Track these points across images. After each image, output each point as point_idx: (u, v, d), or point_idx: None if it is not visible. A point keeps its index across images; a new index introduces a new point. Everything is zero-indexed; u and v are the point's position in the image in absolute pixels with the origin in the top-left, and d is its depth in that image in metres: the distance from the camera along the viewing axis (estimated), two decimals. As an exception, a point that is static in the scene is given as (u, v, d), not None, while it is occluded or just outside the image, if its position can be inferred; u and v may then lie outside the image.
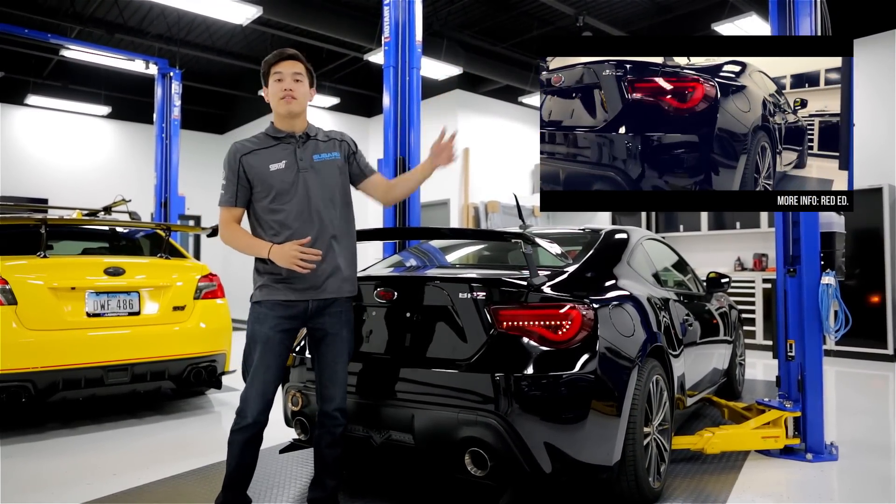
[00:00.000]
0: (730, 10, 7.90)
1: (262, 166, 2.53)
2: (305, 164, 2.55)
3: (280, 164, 2.53)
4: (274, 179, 2.52)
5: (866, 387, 6.19)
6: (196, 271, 4.81)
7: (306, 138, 2.60)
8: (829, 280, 3.59)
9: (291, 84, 2.54)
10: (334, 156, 2.63)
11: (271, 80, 2.57)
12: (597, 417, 2.52)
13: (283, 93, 2.53)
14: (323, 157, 2.60)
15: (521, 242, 2.65)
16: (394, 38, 4.46)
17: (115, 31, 9.38)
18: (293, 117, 2.58)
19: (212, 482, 3.17)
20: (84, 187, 12.04)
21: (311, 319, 2.57)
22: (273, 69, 2.56)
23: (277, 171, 2.52)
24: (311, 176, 2.54)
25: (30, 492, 3.15)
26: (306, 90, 2.61)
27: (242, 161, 2.54)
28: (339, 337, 2.59)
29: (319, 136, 2.65)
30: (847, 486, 3.29)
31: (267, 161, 2.54)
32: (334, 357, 2.60)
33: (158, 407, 4.98)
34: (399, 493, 3.07)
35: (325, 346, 2.60)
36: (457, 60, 9.51)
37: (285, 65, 2.56)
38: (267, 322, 2.50)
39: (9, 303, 3.91)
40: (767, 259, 8.81)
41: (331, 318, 2.58)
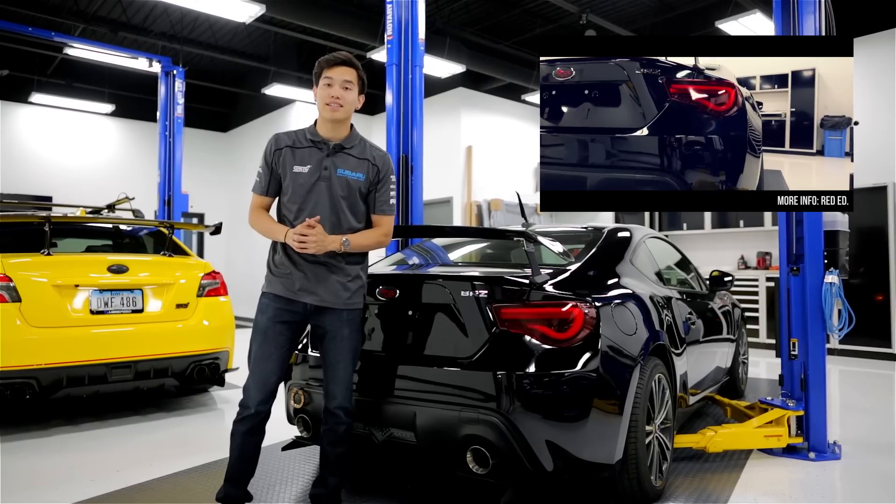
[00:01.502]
0: (734, 7, 7.87)
1: (289, 164, 2.57)
2: (327, 174, 2.55)
3: (304, 167, 2.55)
4: (293, 181, 2.55)
5: (870, 386, 6.17)
6: (199, 269, 4.82)
7: (339, 149, 2.59)
8: (833, 279, 3.58)
9: (339, 92, 2.53)
10: (358, 176, 2.60)
11: (321, 82, 2.55)
12: (599, 416, 2.52)
13: (330, 99, 2.52)
14: (346, 173, 2.58)
15: (523, 240, 2.65)
16: (397, 36, 4.46)
17: (119, 29, 9.40)
18: (335, 123, 2.58)
19: (214, 479, 3.17)
20: (88, 185, 12.08)
21: (311, 317, 2.60)
22: (325, 72, 2.55)
23: (299, 173, 2.55)
24: (326, 187, 2.54)
25: (33, 488, 3.16)
26: (354, 98, 2.59)
27: (276, 155, 2.59)
28: (339, 336, 2.59)
29: (354, 151, 2.62)
30: (850, 486, 3.29)
31: (294, 161, 2.56)
32: (336, 356, 2.60)
33: (162, 404, 5.00)
34: (401, 490, 3.07)
35: (326, 344, 2.62)
36: (459, 58, 9.51)
37: (337, 70, 2.54)
38: (267, 312, 2.56)
39: (13, 300, 3.92)
40: (771, 257, 8.80)
41: (331, 318, 2.59)
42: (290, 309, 2.56)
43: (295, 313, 2.57)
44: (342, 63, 2.56)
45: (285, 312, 2.55)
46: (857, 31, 8.04)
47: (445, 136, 11.20)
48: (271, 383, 2.53)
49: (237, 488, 2.55)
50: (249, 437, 2.53)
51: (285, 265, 2.56)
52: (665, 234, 7.07)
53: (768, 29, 7.69)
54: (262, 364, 2.52)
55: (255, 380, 2.51)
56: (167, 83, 8.76)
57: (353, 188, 2.59)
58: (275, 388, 2.56)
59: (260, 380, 2.51)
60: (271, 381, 2.53)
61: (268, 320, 2.55)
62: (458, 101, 11.27)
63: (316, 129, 2.62)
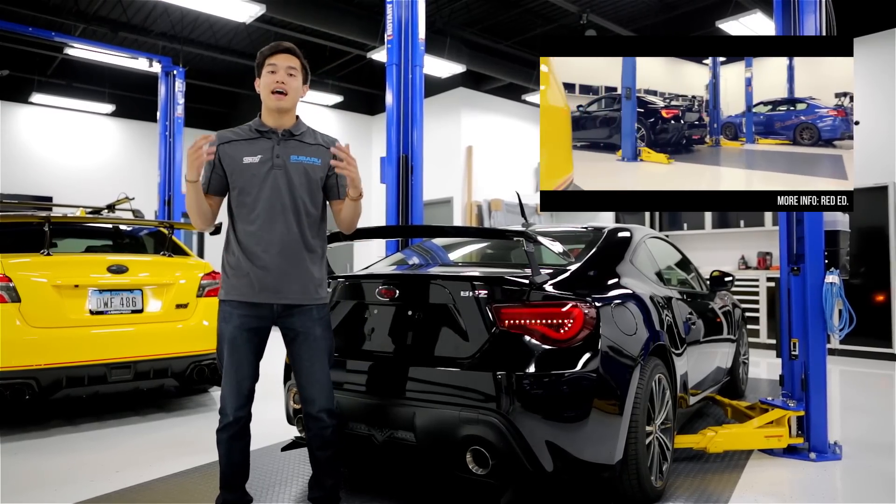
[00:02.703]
0: (734, 7, 7.86)
1: (236, 157, 2.48)
2: (280, 161, 2.48)
3: (254, 157, 2.47)
4: (244, 173, 2.47)
5: (870, 386, 6.16)
6: (199, 269, 4.82)
7: (289, 136, 2.54)
8: (833, 279, 3.58)
9: (284, 77, 2.49)
10: (314, 161, 2.54)
11: (265, 70, 2.51)
12: (599, 416, 2.51)
13: (275, 85, 2.47)
14: (301, 159, 2.52)
15: (523, 241, 2.65)
16: (397, 36, 4.46)
17: (119, 29, 9.39)
18: (281, 112, 2.52)
19: (214, 479, 3.16)
20: (88, 185, 12.07)
21: (279, 320, 2.51)
22: (268, 60, 2.51)
23: (250, 164, 2.47)
24: (282, 175, 2.47)
25: (33, 488, 3.16)
26: (298, 86, 2.55)
27: (220, 150, 2.50)
28: (311, 336, 2.52)
29: (306, 138, 2.57)
30: (850, 486, 3.28)
31: (242, 153, 2.49)
32: (310, 357, 2.52)
33: (161, 404, 4.99)
34: (401, 491, 3.07)
35: (297, 346, 2.54)
36: (460, 58, 9.50)
37: (280, 57, 2.51)
38: (232, 321, 2.47)
39: (13, 300, 3.92)
40: (771, 257, 8.79)
41: (301, 318, 2.51)
42: (256, 314, 2.46)
43: (262, 318, 2.47)
44: (285, 51, 2.53)
45: (251, 318, 2.46)
46: (857, 32, 8.04)
47: (446, 136, 11.20)
48: (245, 388, 2.48)
49: (234, 492, 2.55)
50: (234, 443, 2.50)
51: (241, 266, 2.45)
52: (665, 234, 7.06)
53: (769, 29, 7.69)
54: (234, 372, 2.46)
55: (230, 388, 2.47)
56: (167, 83, 8.76)
57: (311, 176, 2.53)
58: (250, 393, 2.51)
59: (234, 388, 2.47)
60: (245, 386, 2.48)
61: (234, 329, 2.45)
62: (459, 101, 11.27)
63: (261, 121, 2.56)
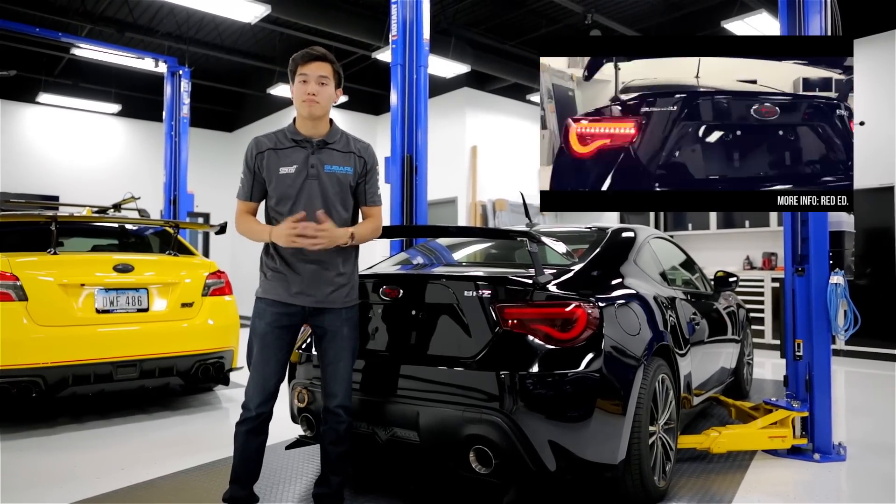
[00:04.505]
0: (740, 7, 7.83)
1: (273, 166, 2.53)
2: (315, 171, 2.53)
3: (290, 168, 2.52)
4: (281, 182, 2.52)
5: (875, 387, 6.14)
6: (204, 268, 4.84)
7: (323, 145, 2.57)
8: (838, 279, 3.57)
9: (315, 88, 2.50)
10: (347, 170, 2.59)
11: (297, 79, 2.52)
12: (602, 416, 2.52)
13: (307, 96, 2.49)
14: (334, 169, 2.56)
15: (526, 241, 2.65)
16: (401, 37, 4.47)
17: (125, 29, 9.43)
18: (314, 119, 2.56)
19: (219, 478, 3.19)
20: (94, 185, 12.13)
21: (310, 318, 2.59)
22: (299, 69, 2.51)
23: (286, 174, 2.52)
24: (316, 185, 2.52)
25: (39, 485, 3.18)
26: (330, 93, 2.56)
27: (258, 158, 2.55)
28: (339, 335, 2.59)
29: (338, 146, 2.60)
30: (855, 487, 3.27)
31: (279, 163, 2.53)
32: (336, 354, 2.60)
33: (166, 403, 5.02)
34: (404, 490, 3.08)
35: (326, 343, 2.61)
36: (464, 58, 9.50)
37: (312, 66, 2.51)
38: (265, 318, 2.54)
39: (20, 299, 3.95)
40: (776, 258, 8.76)
41: (331, 317, 2.58)
42: (287, 313, 2.54)
43: (293, 316, 2.56)
44: (317, 58, 2.52)
45: (283, 317, 2.54)
46: (858, 33, 8.00)
47: (450, 136, 11.20)
48: (271, 385, 2.54)
49: (243, 489, 2.57)
50: (251, 437, 2.54)
51: (280, 268, 2.53)
52: (670, 235, 7.05)
53: (774, 29, 7.67)
54: (262, 368, 2.53)
55: (256, 383, 2.53)
56: (173, 83, 8.80)
57: (344, 183, 2.57)
58: (275, 390, 2.56)
59: (260, 383, 2.52)
60: (271, 383, 2.54)
61: (266, 325, 2.53)
62: (463, 101, 11.27)
63: (296, 128, 2.58)
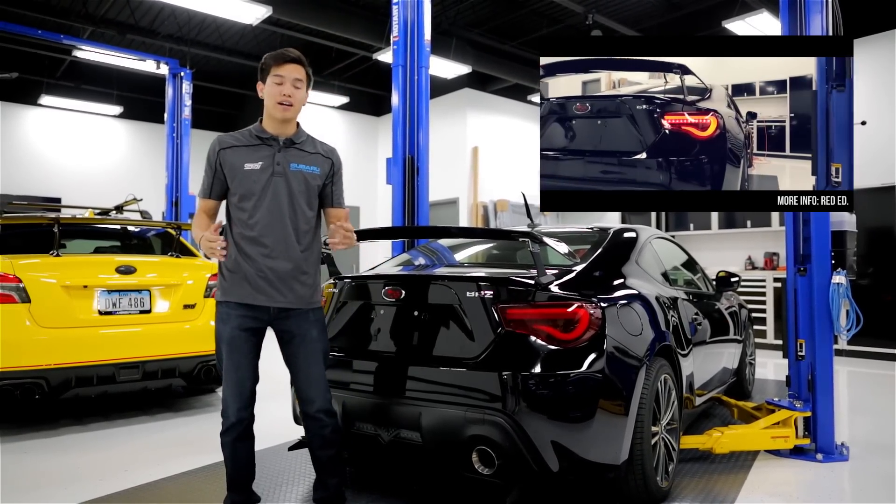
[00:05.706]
0: (741, 7, 7.84)
1: (237, 163, 2.50)
2: (281, 169, 2.50)
3: (256, 164, 2.49)
4: (245, 179, 2.48)
5: (878, 387, 6.13)
6: (206, 270, 4.84)
7: (290, 144, 2.56)
8: (841, 279, 3.57)
9: (291, 90, 2.50)
10: (313, 170, 2.57)
11: (270, 79, 2.51)
12: (604, 416, 2.52)
13: (282, 97, 2.49)
14: (301, 167, 2.54)
15: (528, 241, 2.65)
16: (403, 38, 4.48)
17: (127, 31, 9.45)
18: (285, 122, 2.55)
19: (221, 479, 3.16)
20: (96, 186, 12.14)
21: (274, 322, 2.54)
22: (274, 70, 2.51)
23: (251, 171, 2.49)
24: (282, 182, 2.50)
25: (42, 487, 3.19)
26: (303, 96, 2.57)
27: (220, 155, 2.52)
28: (307, 338, 2.55)
29: (305, 146, 2.59)
30: (857, 487, 3.27)
31: (244, 159, 2.50)
32: (307, 359, 2.55)
33: (169, 404, 5.02)
34: (407, 490, 3.08)
35: (294, 348, 2.56)
36: (465, 59, 9.51)
37: (287, 68, 2.51)
38: (230, 321, 2.49)
39: (23, 301, 3.95)
40: (778, 258, 8.75)
41: (297, 320, 2.54)
42: (253, 315, 2.49)
43: (259, 319, 2.50)
44: (293, 61, 2.52)
45: (249, 319, 2.49)
46: (858, 32, 8.00)
47: (451, 137, 11.21)
48: (247, 389, 2.50)
49: (241, 493, 2.57)
50: (239, 445, 2.52)
51: (240, 268, 2.47)
52: (671, 235, 7.05)
53: (775, 29, 7.66)
54: (234, 373, 2.48)
55: (231, 389, 2.49)
56: (175, 85, 8.82)
57: (311, 183, 2.56)
58: (252, 394, 2.53)
59: (235, 389, 2.48)
60: (247, 387, 2.50)
61: (232, 329, 2.48)
62: (464, 101, 11.28)
63: (262, 127, 2.57)
